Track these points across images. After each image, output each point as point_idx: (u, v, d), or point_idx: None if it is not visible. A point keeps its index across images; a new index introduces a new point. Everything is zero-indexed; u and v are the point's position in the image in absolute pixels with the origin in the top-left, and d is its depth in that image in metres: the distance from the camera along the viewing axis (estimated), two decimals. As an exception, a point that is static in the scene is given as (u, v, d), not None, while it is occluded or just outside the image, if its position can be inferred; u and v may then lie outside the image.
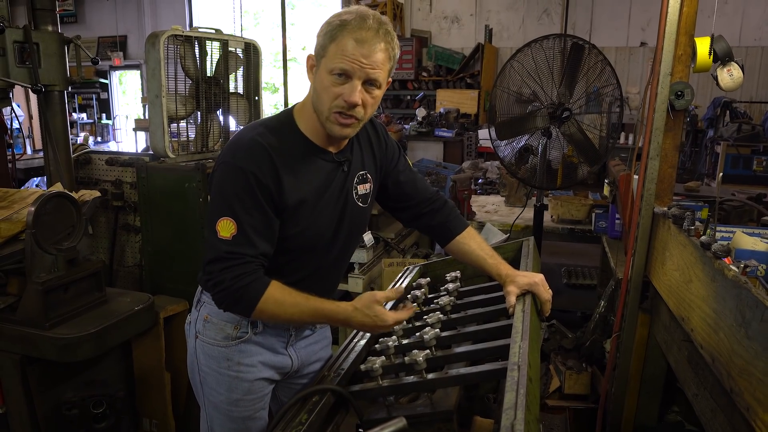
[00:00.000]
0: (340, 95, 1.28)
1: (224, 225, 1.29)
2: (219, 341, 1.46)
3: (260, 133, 1.35)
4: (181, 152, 2.68)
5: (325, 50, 1.28)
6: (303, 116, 1.41)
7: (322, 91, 1.31)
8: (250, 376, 1.47)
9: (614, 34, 8.15)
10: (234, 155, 1.32)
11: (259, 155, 1.31)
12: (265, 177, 1.30)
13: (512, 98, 3.10)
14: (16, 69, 2.42)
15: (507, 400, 0.94)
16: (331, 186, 1.42)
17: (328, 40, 1.27)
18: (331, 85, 1.28)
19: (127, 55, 11.30)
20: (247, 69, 2.95)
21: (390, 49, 1.30)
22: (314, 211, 1.39)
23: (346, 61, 1.25)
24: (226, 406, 1.48)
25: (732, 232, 1.94)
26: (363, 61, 1.25)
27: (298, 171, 1.36)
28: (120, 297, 2.23)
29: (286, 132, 1.39)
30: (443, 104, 7.95)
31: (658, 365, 2.12)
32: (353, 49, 1.25)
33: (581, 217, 3.69)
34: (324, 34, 1.29)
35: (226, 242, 1.28)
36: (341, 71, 1.26)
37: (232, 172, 1.31)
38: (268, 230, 1.33)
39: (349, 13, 1.28)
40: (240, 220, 1.29)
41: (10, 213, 2.09)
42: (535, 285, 1.46)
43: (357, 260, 2.97)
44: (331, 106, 1.30)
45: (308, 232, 1.40)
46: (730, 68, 1.97)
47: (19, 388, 1.96)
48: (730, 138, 5.34)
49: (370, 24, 1.25)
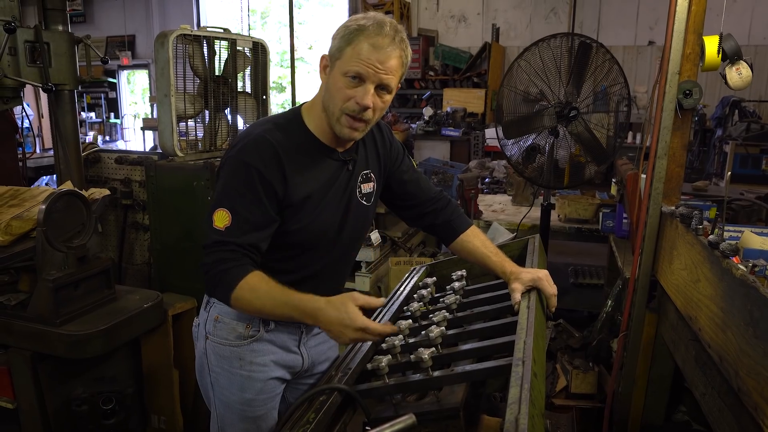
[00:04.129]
0: (352, 98, 1.31)
1: (220, 216, 1.31)
2: (231, 341, 1.47)
3: (268, 129, 1.37)
4: (189, 151, 2.70)
5: (341, 52, 1.31)
6: (311, 115, 1.43)
7: (335, 92, 1.33)
8: (262, 375, 1.47)
9: (622, 33, 8.10)
10: (240, 150, 1.35)
11: (265, 151, 1.33)
12: (269, 173, 1.32)
13: (519, 97, 3.09)
14: (27, 68, 2.44)
15: (511, 395, 0.95)
16: (335, 184, 1.44)
17: (344, 42, 1.30)
18: (344, 86, 1.31)
19: (136, 54, 11.37)
20: (254, 68, 2.96)
21: (404, 56, 1.34)
22: (318, 208, 1.41)
23: (362, 65, 1.28)
24: (239, 407, 1.48)
25: (740, 232, 1.93)
26: (378, 66, 1.29)
27: (304, 168, 1.38)
28: (129, 294, 2.25)
29: (294, 129, 1.40)
30: (450, 103, 7.95)
31: (666, 365, 2.11)
32: (369, 54, 1.28)
33: (588, 217, 3.68)
34: (341, 37, 1.31)
35: (218, 232, 1.31)
36: (356, 74, 1.29)
37: (237, 166, 1.34)
38: (263, 226, 1.34)
39: (366, 19, 1.30)
40: (236, 212, 1.31)
41: (21, 211, 2.11)
42: (539, 280, 1.47)
43: (364, 259, 2.98)
44: (343, 108, 1.32)
45: (312, 228, 1.41)
46: (739, 67, 1.96)
47: (30, 384, 1.98)
48: (739, 137, 5.30)
49: (387, 31, 1.29)
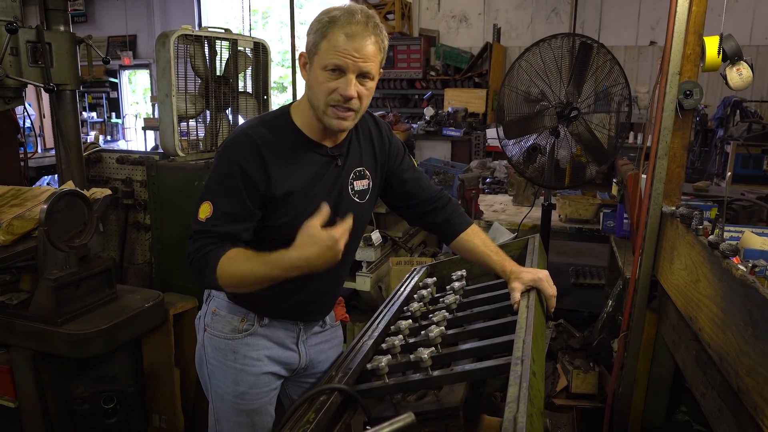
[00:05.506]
0: (335, 90, 1.32)
1: (203, 208, 1.36)
2: (226, 334, 1.49)
3: (252, 125, 1.40)
4: (190, 151, 2.70)
5: (317, 47, 1.32)
6: (299, 112, 1.45)
7: (317, 87, 1.34)
8: (255, 369, 1.49)
9: (623, 33, 8.10)
10: (225, 146, 1.40)
11: (246, 146, 1.36)
12: (250, 167, 1.35)
13: (520, 97, 3.09)
14: (29, 68, 2.45)
15: (510, 393, 0.95)
16: (323, 179, 1.44)
17: (319, 37, 1.31)
18: (325, 80, 1.32)
19: (137, 54, 11.39)
20: (255, 68, 2.96)
21: (380, 41, 1.34)
22: (303, 203, 1.41)
23: (339, 57, 1.29)
24: (232, 399, 1.50)
25: (741, 232, 1.94)
26: (355, 55, 1.29)
27: (287, 162, 1.40)
28: (130, 294, 2.26)
29: (280, 125, 1.43)
30: (451, 103, 7.95)
31: (666, 365, 2.11)
32: (344, 44, 1.28)
33: (589, 217, 3.68)
34: (315, 31, 1.32)
35: (200, 223, 1.35)
36: (335, 66, 1.30)
37: (221, 162, 1.39)
38: (242, 219, 1.37)
39: (337, 10, 1.31)
40: (216, 204, 1.35)
41: (23, 210, 2.11)
42: (539, 281, 1.47)
43: (365, 259, 2.98)
44: (327, 101, 1.34)
45: (298, 223, 1.37)
46: (740, 67, 1.96)
47: (32, 383, 1.98)
48: (740, 137, 5.29)
49: (358, 18, 1.29)
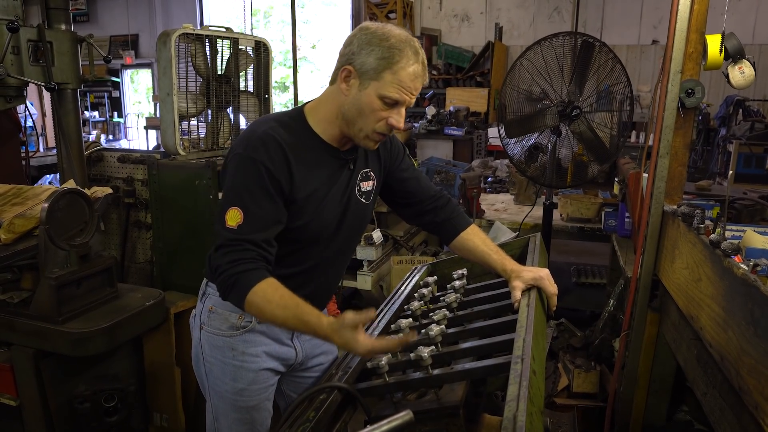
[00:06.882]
0: (385, 119, 1.35)
1: (232, 214, 1.31)
2: (224, 331, 1.49)
3: (272, 127, 1.38)
4: (191, 150, 2.70)
5: (378, 75, 1.31)
6: (315, 116, 1.44)
7: (369, 112, 1.35)
8: (254, 365, 1.49)
9: (625, 32, 8.08)
10: (247, 147, 1.35)
11: (272, 148, 1.34)
12: (277, 170, 1.33)
13: (522, 96, 3.09)
14: (30, 67, 2.45)
15: (510, 392, 0.95)
16: (337, 182, 1.46)
17: (383, 65, 1.30)
18: (380, 108, 1.34)
19: (139, 53, 11.38)
20: (257, 67, 2.96)
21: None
22: (320, 205, 1.42)
23: (402, 93, 1.32)
24: (231, 396, 1.50)
25: (742, 231, 1.94)
26: (414, 93, 1.34)
27: (308, 165, 1.40)
28: (131, 293, 2.26)
29: (297, 128, 1.42)
30: (453, 102, 7.93)
31: (667, 364, 2.11)
32: (409, 82, 1.32)
33: (591, 216, 3.68)
34: (377, 57, 1.30)
35: (231, 231, 1.31)
36: (395, 101, 1.33)
37: (245, 164, 1.33)
38: (275, 222, 1.35)
39: (401, 41, 1.31)
40: (248, 210, 1.31)
41: (24, 209, 2.12)
42: (540, 279, 1.47)
43: (366, 257, 2.98)
44: (376, 128, 1.36)
45: (313, 225, 1.43)
46: (742, 66, 1.95)
47: (33, 382, 1.99)
48: (743, 136, 5.27)
49: (422, 57, 1.34)
